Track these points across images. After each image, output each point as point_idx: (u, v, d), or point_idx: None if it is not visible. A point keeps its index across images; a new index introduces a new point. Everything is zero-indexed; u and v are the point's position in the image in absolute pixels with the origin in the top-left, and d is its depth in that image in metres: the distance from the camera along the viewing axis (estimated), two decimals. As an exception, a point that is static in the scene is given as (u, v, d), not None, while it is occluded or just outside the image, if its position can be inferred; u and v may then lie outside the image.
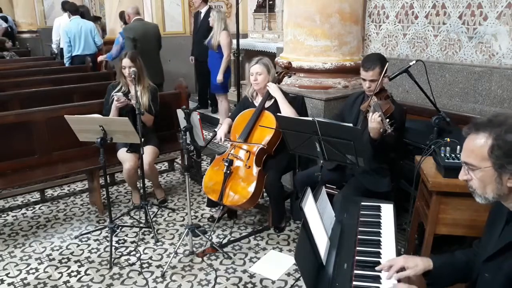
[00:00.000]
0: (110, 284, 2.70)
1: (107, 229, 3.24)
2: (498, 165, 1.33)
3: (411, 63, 2.76)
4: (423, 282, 1.63)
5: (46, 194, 4.00)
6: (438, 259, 1.65)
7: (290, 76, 3.58)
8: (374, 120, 2.48)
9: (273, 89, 3.21)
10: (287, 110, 3.13)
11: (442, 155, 2.34)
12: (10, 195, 3.87)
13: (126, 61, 3.49)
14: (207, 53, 5.65)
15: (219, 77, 5.36)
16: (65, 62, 6.54)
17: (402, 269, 1.57)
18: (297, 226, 3.35)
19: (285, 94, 3.29)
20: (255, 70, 3.24)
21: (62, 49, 7.26)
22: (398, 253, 1.77)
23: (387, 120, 2.42)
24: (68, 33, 6.26)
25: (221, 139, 3.31)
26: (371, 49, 4.13)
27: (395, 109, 2.64)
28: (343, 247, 1.76)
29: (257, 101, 3.35)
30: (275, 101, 3.23)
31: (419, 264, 1.59)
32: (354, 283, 1.55)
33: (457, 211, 2.30)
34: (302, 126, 2.55)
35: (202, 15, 5.93)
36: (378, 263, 1.65)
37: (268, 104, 3.28)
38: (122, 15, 6.27)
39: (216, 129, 3.33)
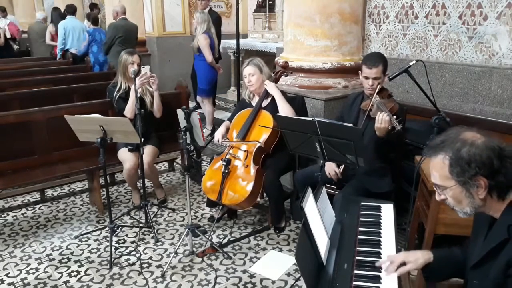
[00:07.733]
0: (110, 284, 2.70)
1: (107, 229, 3.24)
2: (461, 182, 1.35)
3: (411, 63, 2.76)
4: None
5: (46, 194, 4.00)
6: (437, 252, 1.66)
7: (287, 75, 3.57)
8: (383, 120, 2.49)
9: (270, 87, 3.20)
10: (285, 108, 3.13)
11: (442, 155, 2.34)
12: (10, 195, 3.87)
13: (136, 57, 3.54)
14: None
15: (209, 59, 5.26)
16: (57, 54, 7.24)
17: (403, 264, 1.57)
18: (297, 226, 3.35)
19: (284, 94, 3.29)
20: (247, 72, 3.25)
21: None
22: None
23: (394, 117, 2.43)
24: (65, 29, 7.01)
25: (218, 140, 3.32)
26: (371, 49, 4.13)
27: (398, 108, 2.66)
28: (343, 247, 1.76)
29: (255, 101, 3.35)
30: (273, 100, 3.23)
31: (419, 257, 1.60)
32: (354, 283, 1.55)
33: (457, 211, 2.30)
34: (302, 126, 2.55)
35: None
36: (378, 263, 1.65)
37: (265, 103, 3.28)
38: (89, 16, 7.06)
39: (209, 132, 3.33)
